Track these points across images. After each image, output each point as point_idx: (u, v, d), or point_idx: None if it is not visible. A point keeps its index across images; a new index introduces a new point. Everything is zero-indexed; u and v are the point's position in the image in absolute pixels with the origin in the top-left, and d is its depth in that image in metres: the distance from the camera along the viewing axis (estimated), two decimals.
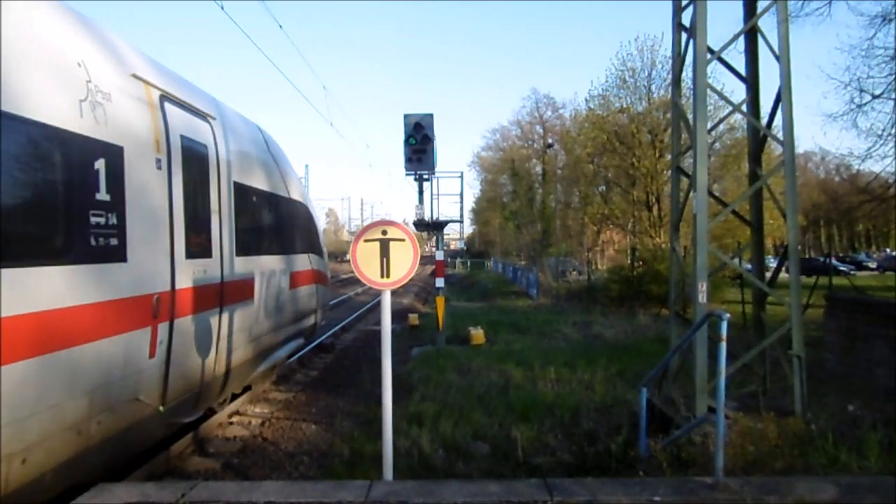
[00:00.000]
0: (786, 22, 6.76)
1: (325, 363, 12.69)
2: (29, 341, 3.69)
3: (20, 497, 3.96)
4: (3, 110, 3.53)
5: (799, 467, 4.97)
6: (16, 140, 3.65)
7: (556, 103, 52.25)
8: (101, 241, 4.33)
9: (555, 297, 25.96)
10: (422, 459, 6.37)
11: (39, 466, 4.03)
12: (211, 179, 6.35)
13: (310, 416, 8.70)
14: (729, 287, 21.02)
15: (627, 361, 10.59)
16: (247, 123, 8.43)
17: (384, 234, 4.77)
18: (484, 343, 13.91)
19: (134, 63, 5.23)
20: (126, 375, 4.69)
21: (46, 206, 3.94)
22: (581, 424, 7.31)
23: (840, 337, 9.04)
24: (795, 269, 6.76)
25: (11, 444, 3.65)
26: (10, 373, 3.53)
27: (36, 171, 3.90)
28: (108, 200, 4.41)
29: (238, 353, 7.05)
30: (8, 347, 3.51)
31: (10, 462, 3.70)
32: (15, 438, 3.67)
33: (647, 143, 26.73)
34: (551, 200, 43.35)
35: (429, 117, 13.38)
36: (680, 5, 7.47)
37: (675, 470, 5.18)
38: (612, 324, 16.65)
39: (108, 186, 4.41)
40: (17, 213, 3.71)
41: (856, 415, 6.76)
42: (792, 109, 6.78)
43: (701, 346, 6.29)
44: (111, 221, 4.44)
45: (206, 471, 6.54)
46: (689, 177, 7.29)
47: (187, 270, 5.61)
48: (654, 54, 26.95)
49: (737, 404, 6.82)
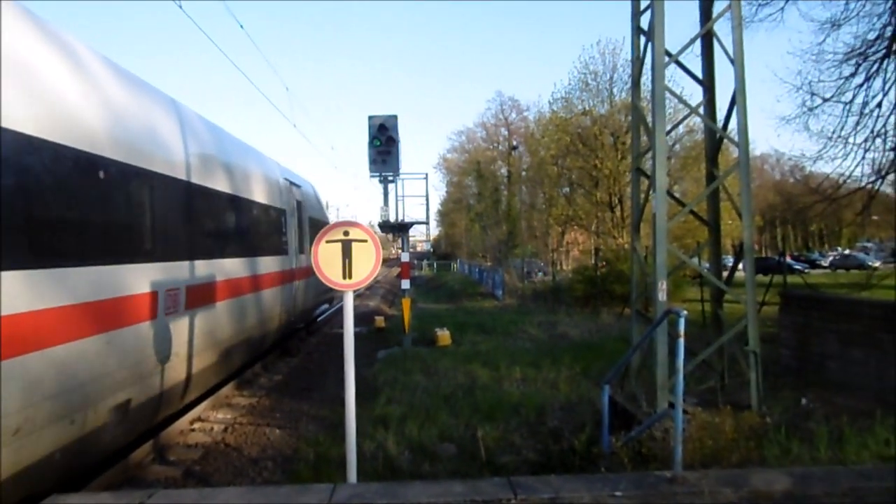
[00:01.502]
0: (739, 27, 6.95)
1: (290, 367, 12.54)
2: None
3: None
4: (279, 207, 11.89)
5: (754, 459, 5.12)
6: (274, 216, 11.56)
7: (520, 105, 52.98)
8: (283, 246, 12.00)
9: (520, 297, 26.15)
10: (388, 462, 6.34)
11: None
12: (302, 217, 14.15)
13: (274, 421, 8.59)
14: (689, 286, 21.50)
15: (591, 360, 10.74)
16: (305, 182, 15.39)
17: (346, 235, 4.74)
18: (450, 344, 13.92)
19: (281, 171, 12.89)
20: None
21: (274, 234, 11.51)
22: (546, 423, 7.39)
23: (794, 333, 9.32)
24: (750, 267, 6.95)
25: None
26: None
27: (274, 224, 11.63)
28: (284, 231, 12.17)
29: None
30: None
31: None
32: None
33: (609, 145, 27.18)
34: (516, 202, 43.70)
35: (393, 119, 13.36)
36: (638, 9, 7.62)
37: (637, 465, 5.27)
38: (576, 323, 16.85)
39: (283, 226, 12.13)
40: (273, 237, 11.42)
41: (808, 408, 6.99)
42: (746, 112, 6.97)
43: (661, 344, 6.41)
44: (284, 238, 12.06)
45: (166, 479, 6.40)
46: (649, 178, 7.44)
47: (301, 259, 13.30)
48: (615, 58, 27.48)
49: (696, 400, 6.98)
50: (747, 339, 6.91)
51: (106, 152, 5.43)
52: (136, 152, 6.08)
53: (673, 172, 30.00)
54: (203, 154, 8.14)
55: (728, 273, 8.04)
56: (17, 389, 4.08)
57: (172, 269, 6.68)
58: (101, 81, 5.85)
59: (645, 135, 7.70)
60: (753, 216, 7.19)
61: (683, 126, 26.53)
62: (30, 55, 4.68)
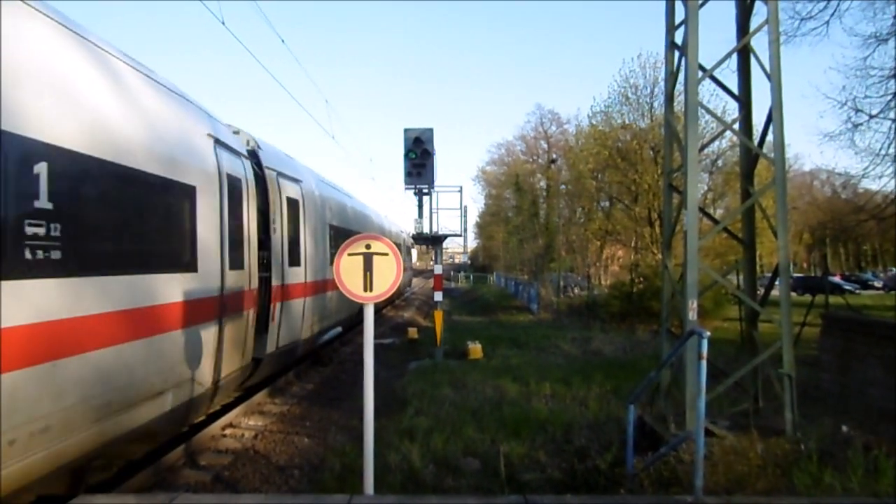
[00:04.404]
0: (777, 42, 6.82)
1: (322, 377, 12.70)
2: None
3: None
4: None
5: (782, 487, 4.95)
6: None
7: (560, 118, 52.64)
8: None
9: (556, 312, 25.92)
10: (411, 474, 6.35)
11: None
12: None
13: (303, 430, 8.71)
14: (731, 304, 20.93)
15: (623, 378, 10.56)
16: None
17: (368, 248, 4.81)
18: (482, 358, 13.89)
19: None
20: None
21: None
22: (573, 441, 7.29)
23: (835, 357, 8.99)
24: (785, 287, 6.76)
25: None
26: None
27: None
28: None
29: None
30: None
31: None
32: None
33: (649, 159, 26.80)
34: (555, 215, 43.39)
35: (429, 132, 13.49)
36: (673, 24, 7.55)
37: (659, 488, 5.16)
38: (611, 340, 16.61)
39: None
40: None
41: (849, 436, 6.72)
42: (783, 128, 6.82)
43: (690, 364, 6.28)
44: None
45: (196, 483, 6.56)
46: (681, 193, 7.33)
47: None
48: (656, 72, 27.14)
49: (728, 423, 6.79)
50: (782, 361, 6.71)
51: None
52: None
53: (715, 188, 29.40)
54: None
55: (763, 293, 7.82)
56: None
57: None
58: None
59: (678, 150, 7.60)
60: (789, 234, 7.00)
61: (727, 141, 26.03)
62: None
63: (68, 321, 4.47)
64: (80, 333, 4.62)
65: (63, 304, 4.43)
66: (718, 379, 7.00)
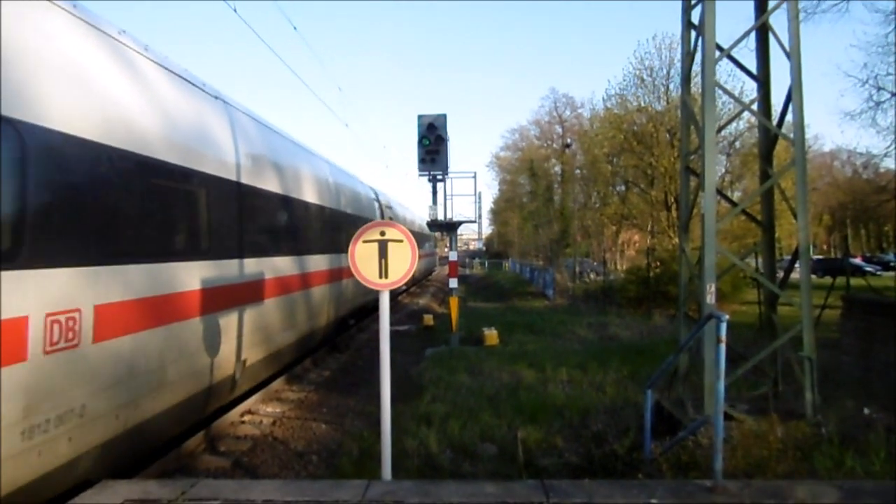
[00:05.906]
0: (796, 19, 6.66)
1: (339, 363, 12.78)
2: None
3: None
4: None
5: (803, 471, 4.90)
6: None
7: (574, 102, 52.11)
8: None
9: (571, 297, 25.83)
10: (428, 460, 6.40)
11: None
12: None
13: (321, 416, 8.78)
14: (750, 287, 20.70)
15: (640, 363, 10.51)
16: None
17: (382, 235, 4.81)
18: (497, 344, 13.89)
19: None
20: None
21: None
22: (590, 426, 7.28)
23: (857, 339, 8.85)
24: (805, 269, 6.66)
25: None
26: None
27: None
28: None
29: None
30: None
31: None
32: None
33: (665, 142, 26.47)
34: (570, 200, 43.11)
35: (442, 118, 13.43)
36: (689, 3, 7.40)
37: (677, 473, 5.14)
38: (627, 325, 16.53)
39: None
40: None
41: (871, 419, 6.63)
42: (803, 108, 6.68)
43: (709, 348, 6.22)
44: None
45: (216, 469, 6.65)
46: (699, 176, 7.22)
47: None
48: (672, 53, 26.75)
49: (747, 406, 6.73)
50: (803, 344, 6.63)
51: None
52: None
53: (733, 170, 29.00)
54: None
55: (783, 276, 7.71)
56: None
57: None
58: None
59: (695, 132, 7.48)
60: (809, 216, 6.89)
61: (745, 122, 25.62)
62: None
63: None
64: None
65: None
66: (737, 363, 6.92)
